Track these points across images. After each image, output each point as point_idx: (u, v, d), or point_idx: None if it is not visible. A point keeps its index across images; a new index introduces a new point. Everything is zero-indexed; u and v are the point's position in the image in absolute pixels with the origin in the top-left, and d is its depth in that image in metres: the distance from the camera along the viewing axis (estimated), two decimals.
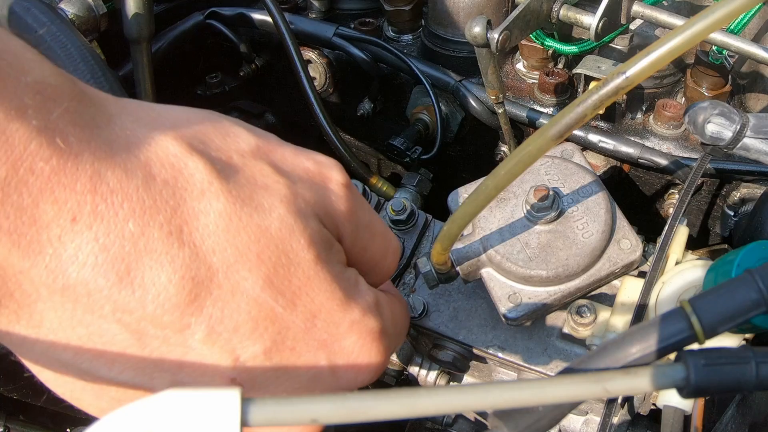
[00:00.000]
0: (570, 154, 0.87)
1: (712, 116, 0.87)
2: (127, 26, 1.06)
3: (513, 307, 0.76)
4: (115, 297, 0.37)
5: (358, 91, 1.32)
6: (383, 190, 1.14)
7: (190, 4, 1.35)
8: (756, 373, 0.40)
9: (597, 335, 0.77)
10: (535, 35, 1.06)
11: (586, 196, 0.79)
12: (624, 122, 1.09)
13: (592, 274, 0.77)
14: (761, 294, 0.42)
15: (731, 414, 0.66)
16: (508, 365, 0.84)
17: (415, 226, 0.97)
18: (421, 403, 0.36)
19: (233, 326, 0.40)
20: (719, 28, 0.56)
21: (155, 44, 1.23)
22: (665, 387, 0.40)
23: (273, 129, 1.53)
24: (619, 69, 0.49)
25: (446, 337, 0.84)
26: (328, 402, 0.36)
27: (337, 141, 1.14)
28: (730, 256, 0.63)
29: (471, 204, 0.59)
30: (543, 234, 0.77)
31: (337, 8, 1.37)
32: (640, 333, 0.43)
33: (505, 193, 0.80)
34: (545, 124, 0.52)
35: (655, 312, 0.72)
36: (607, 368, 0.42)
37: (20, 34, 0.81)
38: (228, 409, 0.34)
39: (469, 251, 0.78)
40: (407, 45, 1.29)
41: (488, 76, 0.93)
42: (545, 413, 0.43)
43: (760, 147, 0.87)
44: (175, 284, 0.38)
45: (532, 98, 1.13)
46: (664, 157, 1.01)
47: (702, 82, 1.03)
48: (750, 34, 1.08)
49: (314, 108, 1.15)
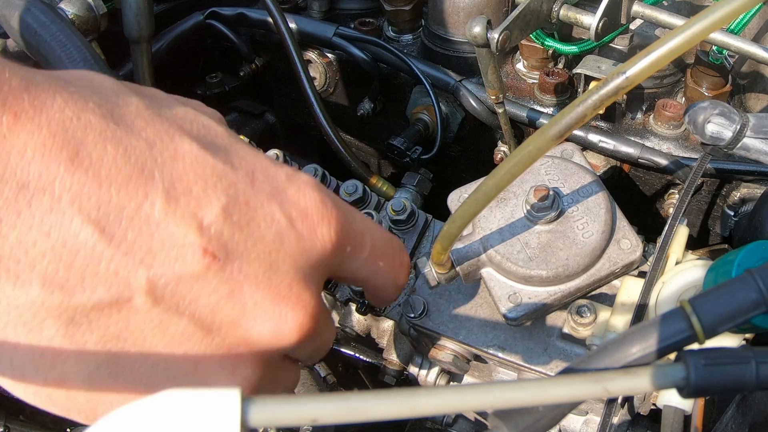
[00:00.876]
0: (570, 154, 0.87)
1: (712, 116, 0.87)
2: (127, 26, 1.06)
3: (513, 307, 0.76)
4: (70, 182, 0.37)
5: (358, 91, 1.32)
6: (383, 190, 1.14)
7: (190, 4, 1.35)
8: (756, 373, 0.40)
9: (597, 335, 0.77)
10: (535, 35, 1.06)
11: (586, 196, 0.79)
12: (624, 122, 1.09)
13: (592, 274, 0.77)
14: (761, 294, 0.42)
15: (731, 414, 0.66)
16: (508, 365, 0.84)
17: (415, 226, 0.97)
18: (421, 403, 0.36)
19: (186, 188, 0.41)
20: (719, 28, 0.56)
21: (155, 44, 1.23)
22: (665, 387, 0.40)
23: (273, 129, 1.54)
24: (619, 69, 0.49)
25: (446, 337, 0.85)
26: (328, 402, 0.36)
27: (337, 141, 1.14)
28: (730, 256, 0.63)
29: (471, 204, 0.59)
30: (543, 234, 0.77)
31: (337, 8, 1.37)
32: (640, 333, 0.43)
33: (505, 193, 0.80)
34: (545, 124, 0.52)
35: (655, 312, 0.72)
36: (607, 368, 0.42)
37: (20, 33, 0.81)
38: (228, 409, 0.34)
39: (469, 251, 0.78)
40: (407, 45, 1.29)
41: (488, 76, 0.93)
42: (545, 413, 0.43)
43: (760, 147, 0.87)
44: (122, 156, 0.39)
45: (532, 98, 1.13)
46: (664, 157, 1.01)
47: (702, 82, 1.03)
48: (750, 34, 1.08)
49: (314, 108, 1.15)
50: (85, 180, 0.37)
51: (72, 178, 0.37)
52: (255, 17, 1.30)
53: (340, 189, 1.01)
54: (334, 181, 1.04)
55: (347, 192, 0.99)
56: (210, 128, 0.46)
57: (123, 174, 0.39)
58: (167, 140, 0.42)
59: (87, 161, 0.38)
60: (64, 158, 0.37)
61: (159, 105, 0.44)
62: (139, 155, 0.40)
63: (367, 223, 0.52)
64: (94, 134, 0.39)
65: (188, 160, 0.42)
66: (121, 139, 0.39)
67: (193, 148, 0.42)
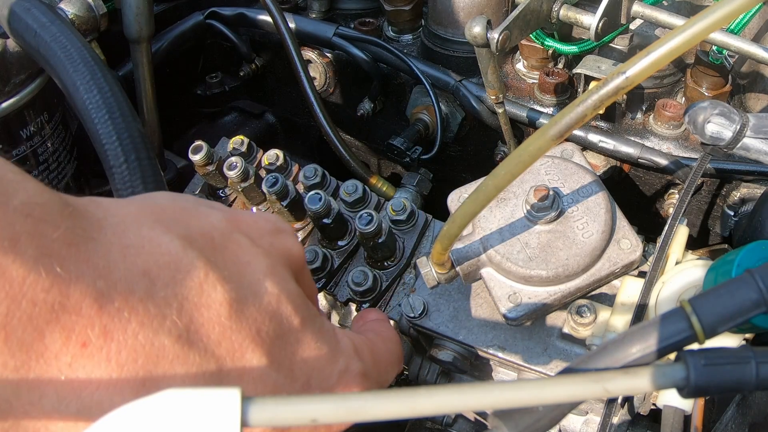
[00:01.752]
0: (570, 154, 0.87)
1: (712, 116, 0.87)
2: (127, 26, 1.06)
3: (513, 307, 0.76)
4: None
5: (358, 91, 1.32)
6: (383, 190, 1.14)
7: (190, 4, 1.35)
8: (756, 373, 0.40)
9: (597, 335, 0.77)
10: (535, 35, 1.06)
11: (586, 196, 0.79)
12: (624, 122, 1.09)
13: (592, 274, 0.77)
14: (761, 294, 0.42)
15: (731, 414, 0.66)
16: (508, 365, 0.84)
17: (415, 226, 0.97)
18: (421, 403, 0.36)
19: None
20: (719, 28, 0.56)
21: (155, 44, 1.23)
22: (665, 387, 0.40)
23: (273, 129, 1.54)
24: (619, 69, 0.49)
25: (446, 337, 0.84)
26: (328, 402, 0.36)
27: (337, 141, 1.14)
28: (730, 256, 0.63)
29: (471, 204, 0.59)
30: (543, 234, 0.77)
31: (337, 8, 1.37)
32: (640, 333, 0.43)
33: (505, 193, 0.80)
34: (545, 124, 0.52)
35: (655, 312, 0.72)
36: (607, 368, 0.42)
37: (20, 34, 0.81)
38: (228, 409, 0.34)
39: (469, 251, 0.78)
40: (407, 45, 1.29)
41: (488, 76, 0.93)
42: (545, 413, 0.43)
43: (760, 147, 0.87)
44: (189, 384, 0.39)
45: (532, 98, 1.13)
46: (664, 157, 1.01)
47: (702, 82, 1.03)
48: (750, 34, 1.08)
49: (314, 108, 1.15)
50: None
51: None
52: (255, 17, 1.30)
53: (340, 189, 1.01)
54: (334, 181, 1.04)
55: (347, 192, 0.99)
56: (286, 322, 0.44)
57: None
58: (238, 357, 0.41)
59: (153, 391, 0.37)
60: (128, 392, 0.37)
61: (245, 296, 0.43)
62: (207, 380, 0.40)
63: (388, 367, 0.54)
64: (165, 363, 0.38)
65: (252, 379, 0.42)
66: (192, 365, 0.39)
67: (261, 365, 0.42)
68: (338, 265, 0.97)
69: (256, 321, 0.42)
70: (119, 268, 0.38)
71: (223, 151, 1.09)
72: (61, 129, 1.11)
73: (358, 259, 0.98)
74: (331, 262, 0.97)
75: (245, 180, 0.99)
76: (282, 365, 0.43)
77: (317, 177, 1.02)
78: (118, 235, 0.39)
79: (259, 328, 0.43)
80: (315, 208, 0.92)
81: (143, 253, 0.39)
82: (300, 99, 1.18)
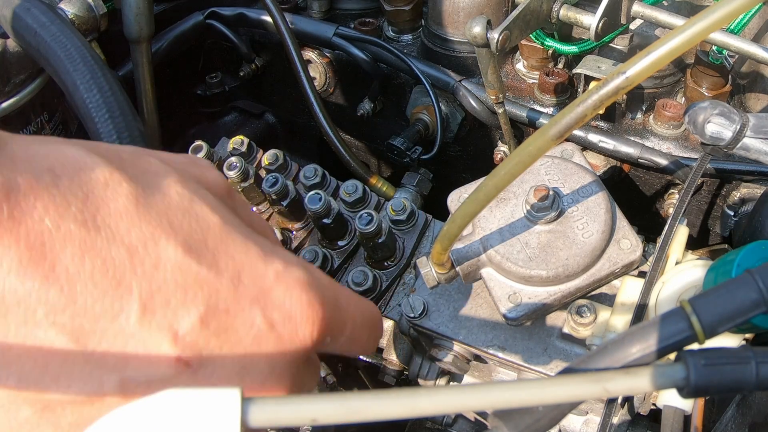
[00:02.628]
0: (570, 154, 0.87)
1: (712, 116, 0.87)
2: (127, 26, 1.06)
3: (513, 307, 0.76)
4: (45, 297, 0.38)
5: (358, 91, 1.32)
6: (383, 190, 1.14)
7: (190, 4, 1.35)
8: (756, 373, 0.40)
9: (597, 335, 0.77)
10: (535, 35, 1.06)
11: (586, 196, 0.79)
12: (624, 122, 1.09)
13: (592, 274, 0.77)
14: (761, 294, 0.42)
15: (731, 414, 0.66)
16: (508, 365, 0.84)
17: (415, 226, 0.97)
18: (421, 403, 0.36)
19: (164, 299, 0.41)
20: (719, 28, 0.56)
21: (155, 44, 1.23)
22: (665, 387, 0.40)
23: (273, 129, 1.54)
24: (619, 69, 0.49)
25: (446, 337, 0.85)
26: (328, 402, 0.36)
27: (337, 141, 1.14)
28: (730, 256, 0.63)
29: (471, 204, 0.59)
30: (543, 234, 0.77)
31: (337, 8, 1.37)
32: (640, 333, 0.43)
33: (505, 193, 0.80)
34: (545, 124, 0.52)
35: (655, 312, 0.72)
36: (607, 368, 0.42)
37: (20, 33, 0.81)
38: (228, 409, 0.34)
39: (469, 251, 0.78)
40: (407, 45, 1.29)
41: (488, 76, 0.93)
42: (545, 413, 0.43)
43: (760, 147, 0.87)
44: (99, 269, 0.39)
45: (532, 98, 1.13)
46: (664, 157, 1.01)
47: (702, 82, 1.03)
48: (750, 34, 1.08)
49: (314, 108, 1.15)
50: (60, 295, 0.38)
51: (47, 294, 0.38)
52: (255, 17, 1.30)
53: (340, 189, 1.01)
54: (334, 181, 1.04)
55: (347, 192, 0.99)
56: (202, 220, 0.44)
57: (99, 288, 0.39)
58: (151, 246, 0.41)
59: (63, 276, 0.38)
60: (40, 274, 0.37)
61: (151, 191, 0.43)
62: (118, 266, 0.40)
63: (351, 306, 0.52)
64: (73, 247, 0.38)
65: (170, 268, 0.41)
66: (100, 251, 0.39)
67: (177, 254, 0.42)
68: (338, 265, 0.97)
69: (167, 214, 0.42)
70: (24, 166, 0.39)
71: (223, 151, 1.09)
72: (61, 129, 1.11)
73: (358, 259, 0.98)
74: (331, 262, 0.97)
75: (245, 180, 0.99)
76: (203, 257, 0.42)
77: (317, 177, 1.02)
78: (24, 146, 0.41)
79: (171, 221, 0.42)
80: (315, 208, 0.92)
81: (48, 157, 0.41)
82: (300, 99, 1.18)
